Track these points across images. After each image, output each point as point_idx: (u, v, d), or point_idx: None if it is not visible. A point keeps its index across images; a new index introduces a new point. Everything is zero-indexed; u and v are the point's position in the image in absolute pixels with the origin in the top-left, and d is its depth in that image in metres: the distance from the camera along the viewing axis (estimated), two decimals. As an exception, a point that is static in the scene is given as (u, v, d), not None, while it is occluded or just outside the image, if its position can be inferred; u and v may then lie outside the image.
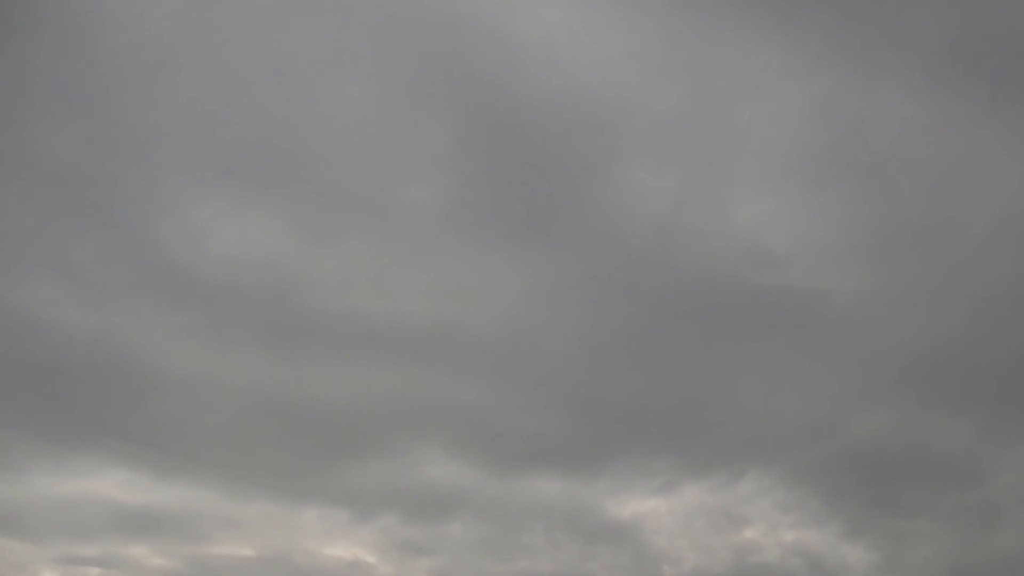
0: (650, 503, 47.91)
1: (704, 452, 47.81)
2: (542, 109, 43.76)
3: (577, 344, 47.17)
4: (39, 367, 43.29)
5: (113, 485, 45.32)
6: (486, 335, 46.85)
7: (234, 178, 44.31)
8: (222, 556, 45.19)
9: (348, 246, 45.52)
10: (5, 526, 43.78)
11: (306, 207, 44.92)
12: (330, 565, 45.88)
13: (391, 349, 46.44)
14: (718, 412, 47.51)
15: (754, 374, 47.03)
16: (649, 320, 46.67)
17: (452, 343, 46.67)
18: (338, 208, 45.11)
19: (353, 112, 43.99)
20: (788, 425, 47.19)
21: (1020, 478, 45.47)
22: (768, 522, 47.28)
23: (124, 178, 43.01)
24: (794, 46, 43.10)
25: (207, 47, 42.52)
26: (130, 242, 43.84)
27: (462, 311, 46.70)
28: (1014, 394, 44.80)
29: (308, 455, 46.98)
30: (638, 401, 47.26)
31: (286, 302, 45.02)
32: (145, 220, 43.76)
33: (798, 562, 46.40)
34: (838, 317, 45.83)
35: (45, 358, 43.28)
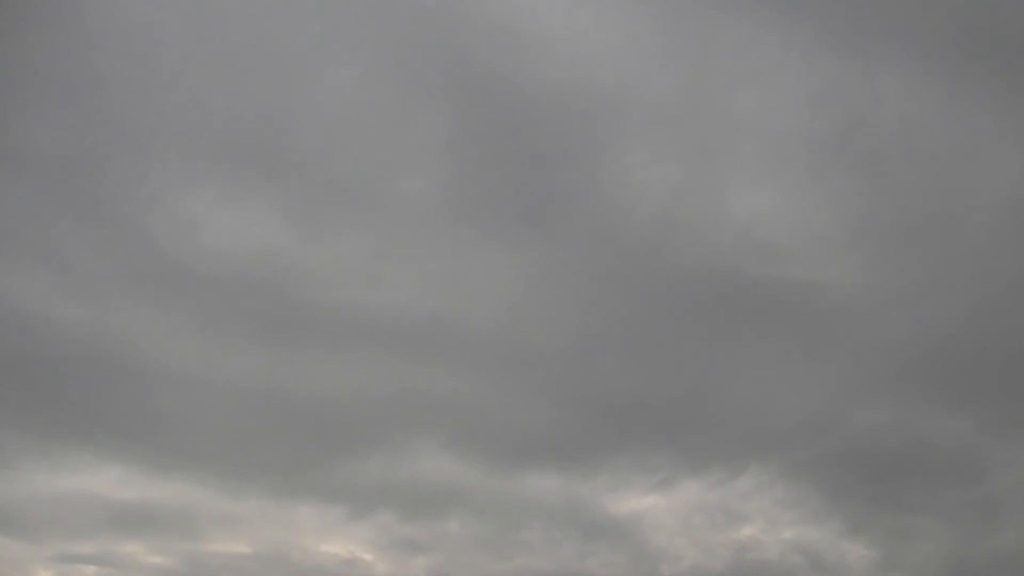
0: (649, 500, 47.75)
1: (703, 448, 47.55)
2: (539, 98, 43.44)
3: (574, 338, 46.84)
4: (31, 363, 42.97)
5: (108, 482, 45.08)
6: (483, 329, 46.62)
7: (226, 168, 44.03)
8: (218, 553, 45.04)
9: (343, 238, 45.24)
10: (0, 524, 43.64)
11: (300, 198, 44.68)
12: (327, 563, 45.73)
13: (387, 343, 46.13)
14: (717, 407, 47.17)
15: (753, 368, 46.66)
16: (647, 313, 46.36)
17: (448, 337, 46.42)
18: (333, 199, 44.77)
19: (348, 101, 43.67)
20: (788, 421, 47.00)
21: (1022, 474, 45.18)
22: (768, 519, 47.11)
23: (114, 168, 42.77)
24: (793, 34, 42.96)
25: (198, 35, 42.32)
26: (121, 234, 43.56)
27: (459, 304, 46.47)
28: (1017, 389, 44.42)
29: (304, 451, 46.68)
30: (636, 396, 46.89)
31: (280, 295, 44.77)
32: (136, 211, 43.44)
33: (798, 559, 46.20)
34: (838, 311, 45.46)
35: (37, 353, 42.95)
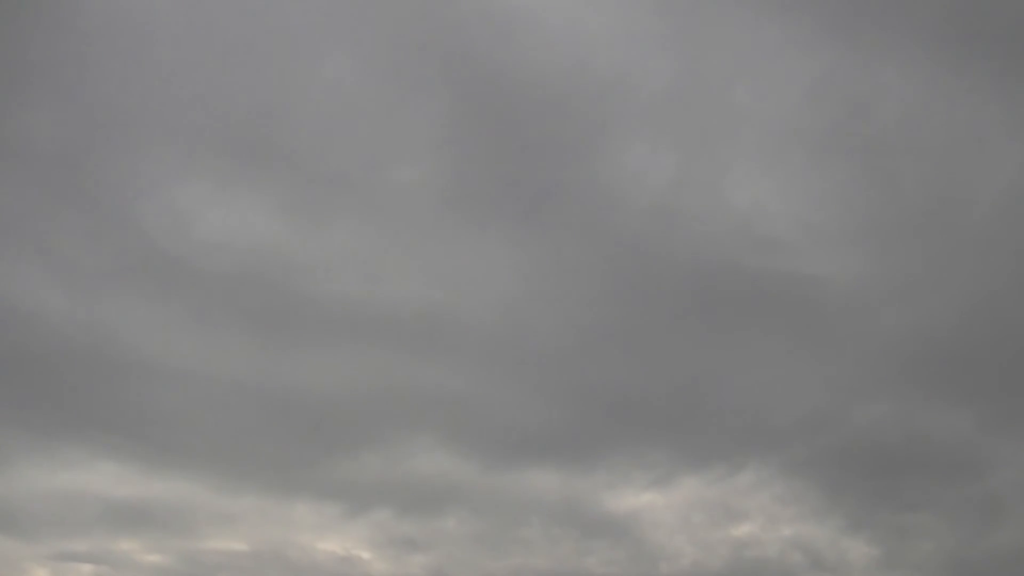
0: (647, 496, 47.54)
1: (702, 444, 47.27)
2: (536, 87, 43.22)
3: (572, 332, 46.58)
4: (24, 358, 42.66)
5: (102, 478, 44.82)
6: (480, 323, 46.34)
7: (220, 160, 43.71)
8: (214, 551, 44.82)
9: (338, 230, 45.01)
10: (-5, 522, 43.37)
11: (294, 190, 44.40)
12: (324, 560, 45.49)
13: (383, 337, 45.93)
14: (716, 402, 46.90)
15: (752, 363, 46.33)
16: (645, 307, 46.06)
17: (445, 331, 46.17)
18: (326, 190, 44.56)
19: (342, 92, 43.41)
20: (787, 416, 46.74)
21: (1023, 471, 44.84)
22: (767, 516, 46.88)
23: (107, 160, 42.45)
24: (792, 24, 42.61)
25: (192, 26, 42.05)
26: (114, 227, 43.33)
27: (455, 298, 46.20)
28: (1019, 384, 44.02)
29: (300, 447, 46.35)
30: (634, 390, 46.66)
31: (274, 289, 44.49)
32: (129, 204, 43.19)
33: (798, 557, 45.94)
34: (838, 304, 45.26)
35: (29, 348, 42.67)
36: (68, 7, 40.37)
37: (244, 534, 45.25)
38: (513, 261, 45.60)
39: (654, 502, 47.23)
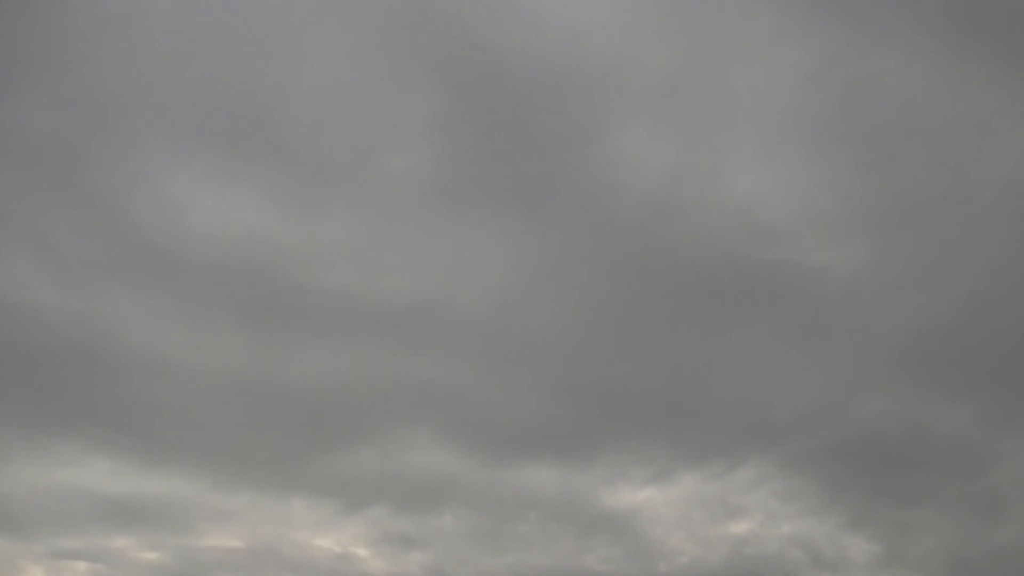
0: (646, 492, 47.28)
1: (700, 439, 46.88)
2: (531, 74, 42.80)
3: (568, 322, 46.27)
4: (14, 352, 42.38)
5: (97, 475, 44.51)
6: (475, 314, 45.97)
7: (211, 149, 43.31)
8: (210, 548, 44.59)
9: (330, 220, 44.63)
10: (-11, 519, 43.16)
11: (285, 179, 44.03)
12: (320, 557, 45.29)
13: (377, 329, 45.66)
14: (714, 396, 46.50)
15: (751, 356, 45.98)
16: (642, 298, 45.76)
17: (440, 323, 45.83)
18: (319, 179, 44.15)
19: (334, 78, 43.05)
20: (786, 410, 46.37)
21: (1025, 466, 44.76)
22: (767, 512, 46.59)
23: (95, 149, 42.10)
24: (791, 6, 42.11)
25: (180, 12, 41.60)
26: (104, 218, 42.94)
27: (450, 289, 45.89)
28: (1022, 378, 43.54)
29: (295, 442, 46.14)
30: (631, 383, 46.30)
31: (267, 280, 44.12)
32: (119, 194, 42.87)
33: (797, 554, 45.64)
34: (838, 296, 44.78)
35: (21, 342, 42.35)
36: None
37: (240, 531, 45.09)
38: (509, 251, 45.37)
39: (652, 498, 47.13)
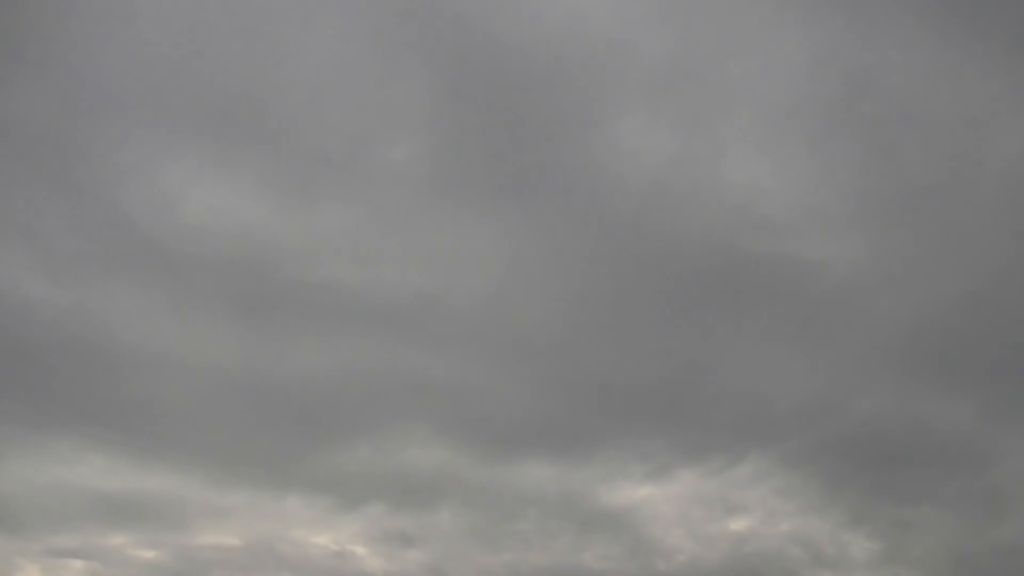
0: (644, 489, 46.94)
1: (699, 435, 46.60)
2: (527, 62, 42.49)
3: (564, 316, 46.06)
4: (6, 348, 42.16)
5: (92, 472, 44.36)
6: (470, 306, 45.82)
7: (202, 138, 43.23)
8: (207, 546, 44.44)
9: (323, 212, 44.41)
10: (-16, 517, 42.99)
11: (279, 169, 43.81)
12: (317, 555, 45.07)
13: (371, 323, 45.39)
14: (713, 390, 46.36)
15: (750, 350, 45.75)
16: (640, 291, 45.46)
17: (434, 315, 45.61)
18: (313, 171, 43.94)
19: (327, 65, 42.77)
20: (786, 405, 46.15)
21: (1027, 462, 44.43)
22: (766, 509, 46.30)
23: (85, 140, 41.95)
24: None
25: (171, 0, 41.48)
26: (96, 210, 42.80)
27: (444, 281, 45.71)
28: (1023, 373, 43.10)
29: (290, 438, 45.92)
30: (629, 378, 46.07)
31: (261, 274, 44.03)
32: (109, 186, 42.65)
33: (797, 551, 45.35)
34: (838, 289, 44.51)
35: (12, 337, 42.13)
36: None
37: (236, 528, 44.95)
38: (505, 243, 45.17)
39: (651, 495, 46.87)
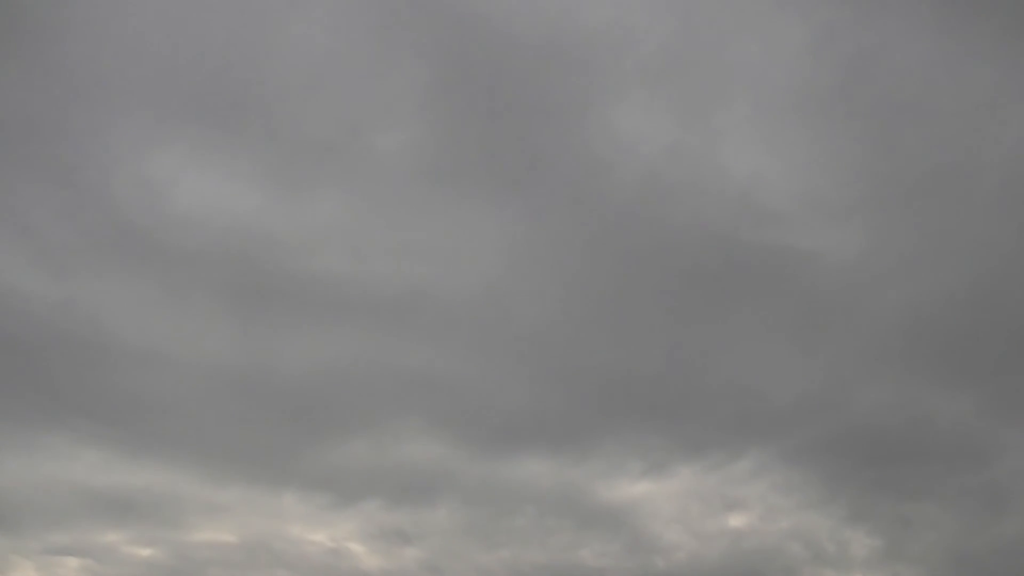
0: (642, 485, 46.53)
1: (697, 429, 46.21)
2: (523, 47, 42.07)
3: (561, 308, 45.65)
4: (-2, 341, 41.86)
5: (85, 468, 43.97)
6: (466, 300, 45.35)
7: (191, 125, 42.61)
8: (202, 543, 44.14)
9: (317, 202, 43.97)
10: (-22, 515, 42.75)
11: (270, 157, 43.33)
12: (313, 553, 44.79)
13: (366, 315, 45.08)
14: (712, 385, 45.86)
15: (750, 343, 45.28)
16: (637, 283, 45.11)
17: (429, 308, 45.24)
18: (305, 158, 43.44)
19: (319, 51, 42.25)
20: (785, 400, 45.63)
21: (1029, 458, 44.11)
22: (766, 505, 45.87)
23: (73, 127, 41.41)
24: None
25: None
26: (84, 200, 42.28)
27: (439, 273, 45.25)
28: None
29: (284, 433, 45.45)
30: (627, 372, 45.64)
31: (252, 265, 43.45)
32: (98, 175, 42.14)
33: (798, 548, 45.00)
34: (839, 280, 44.08)
35: (3, 331, 41.58)
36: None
37: (232, 525, 44.59)
38: (500, 234, 44.74)
39: (649, 492, 46.49)
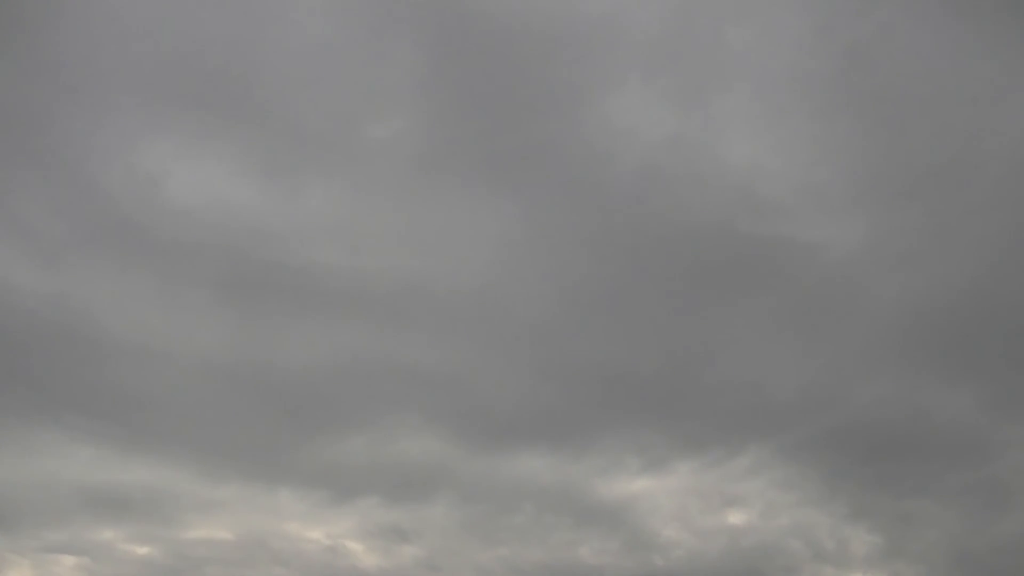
0: (641, 482, 46.33)
1: (696, 425, 45.93)
2: (517, 35, 41.85)
3: (559, 301, 45.43)
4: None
5: (79, 464, 43.75)
6: (461, 291, 45.19)
7: (184, 115, 42.59)
8: (198, 541, 43.96)
9: (310, 192, 43.99)
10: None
11: (264, 147, 43.35)
12: (310, 550, 44.55)
13: (362, 308, 44.96)
14: (710, 379, 45.74)
15: (750, 337, 45.26)
16: (635, 276, 44.91)
17: (424, 301, 45.10)
18: (299, 149, 43.43)
19: (313, 39, 42.14)
20: (785, 395, 45.41)
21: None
22: (765, 502, 45.66)
23: (64, 117, 41.32)
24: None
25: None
26: (75, 192, 42.31)
27: (434, 265, 45.17)
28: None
29: (280, 428, 45.28)
30: (624, 366, 45.57)
31: (245, 257, 43.55)
32: (90, 165, 42.14)
33: (798, 546, 44.69)
34: (839, 272, 43.90)
35: (-6, 325, 41.58)
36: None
37: (228, 522, 44.47)
38: (496, 225, 44.61)
39: (648, 488, 46.30)
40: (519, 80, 42.46)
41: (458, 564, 44.02)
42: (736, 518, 45.36)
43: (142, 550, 42.98)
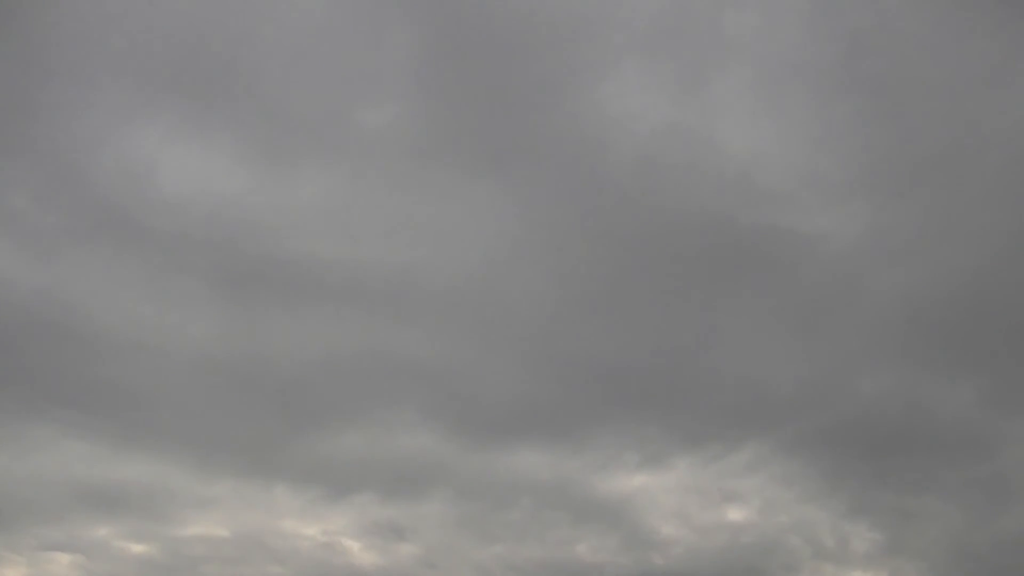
0: (639, 478, 46.07)
1: (695, 420, 45.74)
2: (514, 21, 41.54)
3: (555, 293, 45.12)
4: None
5: (73, 460, 43.59)
6: (456, 283, 44.90)
7: (175, 102, 42.39)
8: (194, 538, 43.75)
9: (303, 181, 43.51)
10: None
11: (255, 136, 43.12)
12: (307, 547, 44.35)
13: (354, 300, 44.68)
14: (708, 373, 45.36)
15: (749, 330, 44.85)
16: (633, 267, 44.61)
17: (421, 293, 44.79)
18: (291, 136, 43.15)
19: (305, 24, 41.86)
20: (784, 389, 45.14)
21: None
22: (764, 499, 45.38)
23: (52, 104, 40.98)
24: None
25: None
26: (63, 181, 41.96)
27: (429, 256, 44.84)
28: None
29: (274, 424, 45.13)
30: (622, 359, 45.24)
31: (237, 248, 43.16)
32: (78, 154, 41.78)
33: (798, 543, 44.42)
34: (840, 263, 43.49)
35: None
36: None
37: (223, 519, 44.23)
38: (492, 216, 44.29)
39: (646, 484, 46.06)
40: (514, 67, 42.19)
41: (455, 561, 43.89)
42: (735, 514, 45.20)
43: (137, 547, 42.89)
